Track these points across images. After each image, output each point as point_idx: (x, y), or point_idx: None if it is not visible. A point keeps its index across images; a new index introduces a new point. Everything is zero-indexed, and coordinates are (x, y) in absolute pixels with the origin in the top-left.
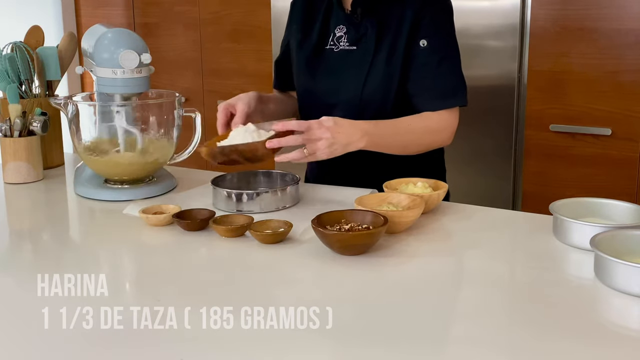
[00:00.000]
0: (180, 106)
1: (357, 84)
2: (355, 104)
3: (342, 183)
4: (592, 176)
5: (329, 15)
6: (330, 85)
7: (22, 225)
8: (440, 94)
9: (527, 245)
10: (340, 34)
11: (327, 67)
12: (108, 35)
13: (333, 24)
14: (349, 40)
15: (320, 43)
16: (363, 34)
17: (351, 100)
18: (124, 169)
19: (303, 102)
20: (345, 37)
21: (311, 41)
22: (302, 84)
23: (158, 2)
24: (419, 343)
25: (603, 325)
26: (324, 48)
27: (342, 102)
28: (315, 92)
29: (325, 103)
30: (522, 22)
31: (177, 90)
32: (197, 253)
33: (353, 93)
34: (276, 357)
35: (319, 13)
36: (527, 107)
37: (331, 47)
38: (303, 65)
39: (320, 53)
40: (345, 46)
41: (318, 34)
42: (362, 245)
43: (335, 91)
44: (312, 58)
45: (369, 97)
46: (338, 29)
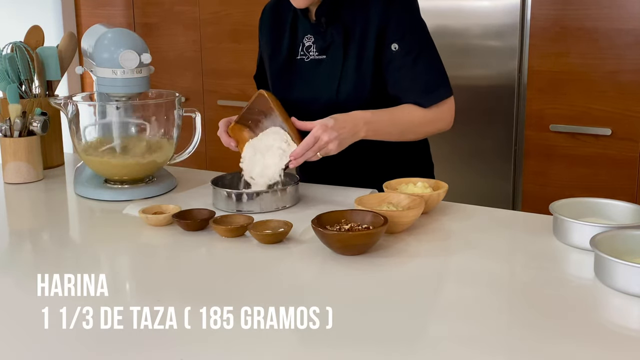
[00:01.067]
0: (180, 106)
1: (330, 92)
2: (330, 110)
3: (341, 183)
4: (592, 176)
5: (296, 26)
6: (305, 94)
7: (22, 225)
8: (423, 92)
9: (527, 245)
10: (309, 44)
11: (300, 77)
12: (108, 35)
13: (301, 34)
14: (318, 50)
15: (291, 54)
16: (330, 42)
17: (327, 108)
18: (123, 169)
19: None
20: (314, 46)
21: (282, 53)
22: (279, 95)
23: (158, 2)
24: (418, 343)
25: (603, 325)
26: (294, 59)
27: (317, 110)
28: (291, 102)
29: (303, 112)
30: (522, 22)
31: (177, 90)
32: (197, 253)
33: (328, 101)
34: (276, 357)
35: (286, 24)
36: (527, 107)
37: (302, 57)
38: (276, 77)
39: (292, 64)
40: (315, 55)
41: (288, 46)
42: (362, 245)
43: (311, 100)
44: (284, 69)
45: (344, 104)
46: (306, 39)
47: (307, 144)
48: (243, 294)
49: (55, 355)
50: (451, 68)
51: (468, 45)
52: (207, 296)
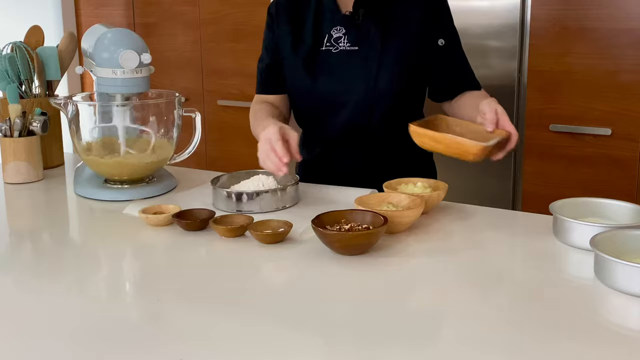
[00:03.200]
0: (180, 106)
1: (367, 83)
2: (366, 103)
3: (342, 183)
4: (592, 176)
5: (321, 17)
6: (334, 86)
7: (22, 225)
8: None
9: (527, 245)
10: (338, 35)
11: (327, 68)
12: (108, 35)
13: (327, 24)
14: (350, 41)
15: (316, 45)
16: (365, 34)
17: (361, 99)
18: (123, 169)
19: (303, 102)
20: (345, 37)
21: (305, 43)
22: (300, 85)
23: (158, 2)
24: (418, 343)
25: (603, 325)
26: (319, 50)
27: (351, 101)
28: (316, 93)
29: (332, 103)
30: (522, 22)
31: (177, 90)
32: (197, 253)
33: (363, 92)
34: (276, 357)
35: (307, 15)
36: (527, 107)
37: (328, 48)
38: (300, 68)
39: (317, 55)
40: (346, 47)
41: (312, 36)
42: (362, 245)
43: (343, 91)
44: (309, 60)
45: (380, 95)
46: (335, 30)
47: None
48: (243, 294)
49: (55, 355)
50: None
51: (468, 45)
52: (207, 296)
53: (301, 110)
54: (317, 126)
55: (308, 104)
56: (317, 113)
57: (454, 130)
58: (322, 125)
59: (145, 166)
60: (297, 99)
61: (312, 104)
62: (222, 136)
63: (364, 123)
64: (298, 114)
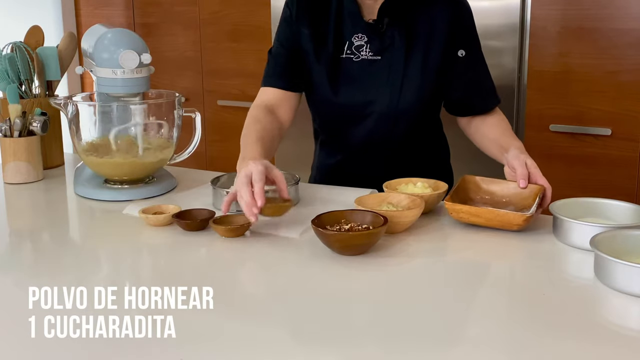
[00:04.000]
0: (180, 106)
1: (391, 95)
2: (390, 114)
3: (346, 184)
4: (592, 176)
5: (341, 23)
6: (356, 97)
7: (22, 226)
8: (487, 95)
9: (527, 245)
10: (359, 43)
11: (347, 77)
12: (108, 35)
13: (348, 32)
14: (372, 50)
15: (336, 52)
16: (389, 43)
17: (386, 111)
18: (124, 169)
19: (323, 110)
20: (367, 46)
21: (327, 51)
22: (321, 94)
23: (158, 2)
24: (418, 343)
25: (603, 325)
26: (339, 57)
27: (375, 113)
28: (338, 103)
29: (354, 114)
30: (522, 22)
31: (177, 90)
32: (197, 253)
33: (388, 104)
34: (276, 357)
35: (328, 19)
36: (527, 107)
37: (349, 57)
38: (325, 77)
39: (337, 63)
40: (367, 56)
41: (333, 43)
42: (362, 245)
43: (366, 103)
44: (331, 70)
45: (405, 107)
46: (356, 38)
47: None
48: (243, 294)
49: (54, 355)
50: None
51: None
52: (207, 296)
53: (323, 117)
54: (339, 134)
55: (330, 113)
56: (339, 122)
57: (485, 191)
58: (343, 134)
59: (145, 166)
60: (319, 107)
61: (334, 114)
62: (222, 136)
63: (387, 134)
64: (320, 120)
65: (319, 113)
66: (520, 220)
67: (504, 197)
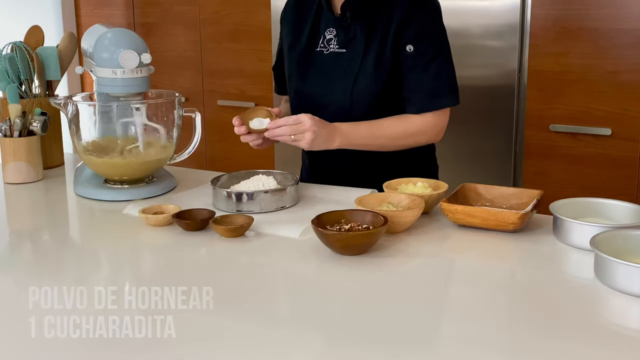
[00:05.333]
0: (180, 106)
1: (346, 86)
2: (345, 105)
3: (341, 183)
4: (592, 176)
5: (319, 18)
6: (320, 87)
7: (22, 225)
8: (426, 97)
9: (527, 245)
10: (330, 37)
11: (317, 69)
12: (108, 35)
13: (323, 26)
14: (339, 43)
15: (310, 45)
16: (352, 37)
17: (341, 101)
18: (123, 169)
19: (295, 102)
20: (335, 39)
21: (301, 43)
22: (294, 85)
23: (158, 2)
24: (419, 343)
25: (603, 325)
26: (314, 50)
27: (332, 103)
28: (305, 93)
29: (316, 104)
30: (522, 22)
31: (177, 90)
32: (197, 253)
33: (343, 95)
34: (276, 356)
35: (309, 15)
36: (527, 107)
37: (321, 50)
38: (294, 67)
39: (311, 55)
40: (335, 49)
41: (308, 36)
42: (362, 245)
43: (326, 93)
44: (303, 60)
45: (358, 99)
46: (328, 32)
47: (287, 120)
48: (243, 294)
49: (55, 355)
50: None
51: (468, 45)
52: (207, 296)
53: (295, 109)
54: None
55: (299, 103)
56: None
57: (484, 198)
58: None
59: (145, 166)
60: (292, 98)
61: (302, 104)
62: (222, 136)
63: None
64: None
65: (293, 105)
66: (515, 219)
67: (505, 204)
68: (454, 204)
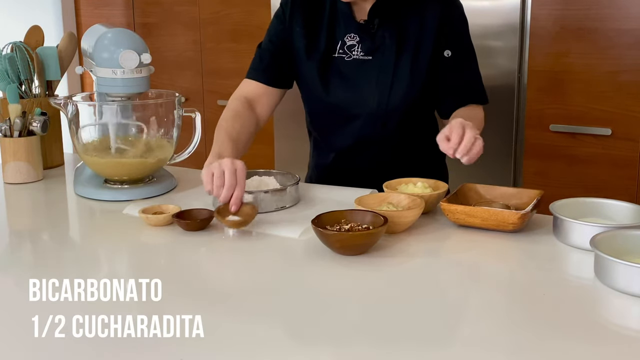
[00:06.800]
0: (180, 106)
1: (381, 94)
2: (379, 114)
3: (357, 185)
4: (592, 176)
5: (335, 22)
6: (346, 96)
7: (22, 225)
8: (474, 93)
9: (527, 245)
10: (351, 43)
11: (339, 77)
12: (108, 35)
13: (340, 31)
14: (364, 50)
15: (328, 51)
16: (380, 44)
17: (375, 110)
18: (123, 169)
19: (315, 109)
20: (359, 46)
21: (319, 49)
22: (313, 92)
23: (158, 2)
24: (418, 343)
25: (603, 325)
26: (331, 56)
27: (365, 114)
28: (331, 102)
29: (346, 115)
30: (522, 22)
31: (177, 90)
32: (197, 253)
33: (377, 104)
34: (276, 356)
35: (322, 19)
36: (527, 107)
37: (341, 56)
38: (315, 75)
39: (329, 61)
40: (359, 55)
41: (325, 42)
42: (362, 245)
43: (356, 103)
44: (323, 67)
45: (394, 107)
46: (348, 38)
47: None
48: (243, 293)
49: (55, 355)
50: None
51: None
52: (207, 296)
53: (314, 117)
54: (330, 134)
55: (320, 112)
56: (330, 122)
57: (485, 198)
58: (335, 133)
59: (145, 166)
60: (312, 105)
61: (325, 112)
62: None
63: (376, 134)
64: (311, 119)
65: (311, 112)
66: (515, 219)
67: (503, 201)
68: (454, 204)
